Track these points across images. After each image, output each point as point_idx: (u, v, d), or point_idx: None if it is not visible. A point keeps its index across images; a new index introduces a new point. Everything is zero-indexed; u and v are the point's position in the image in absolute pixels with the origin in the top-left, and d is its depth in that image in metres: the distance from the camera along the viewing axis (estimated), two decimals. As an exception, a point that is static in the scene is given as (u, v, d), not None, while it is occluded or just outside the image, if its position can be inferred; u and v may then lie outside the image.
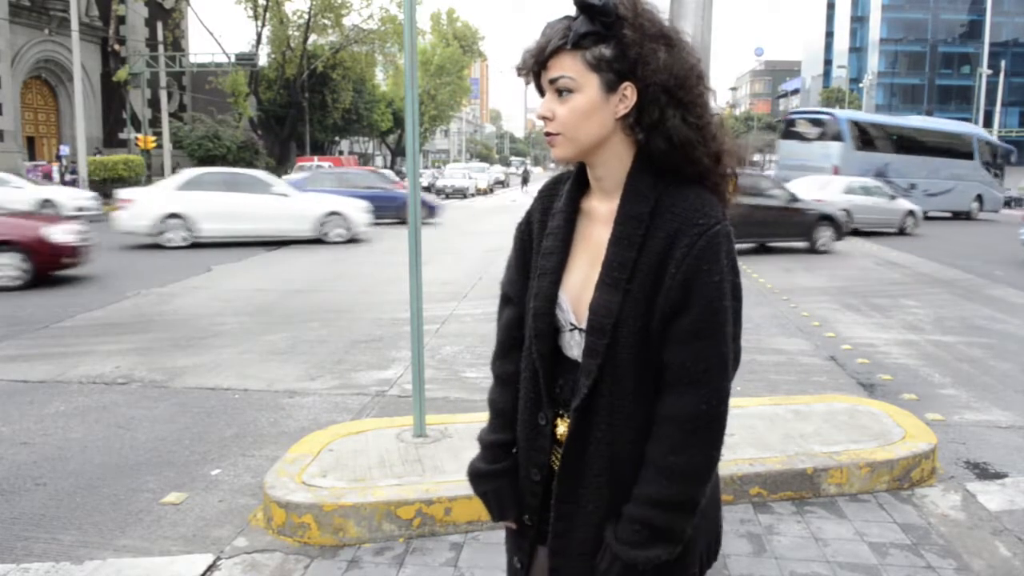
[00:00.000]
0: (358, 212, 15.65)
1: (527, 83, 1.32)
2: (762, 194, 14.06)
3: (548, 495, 1.43)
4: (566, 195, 1.40)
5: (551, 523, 1.41)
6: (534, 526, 1.47)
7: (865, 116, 28.66)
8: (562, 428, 1.39)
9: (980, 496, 3.85)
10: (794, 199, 14.82)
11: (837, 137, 22.56)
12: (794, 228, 14.62)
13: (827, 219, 14.99)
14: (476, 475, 1.55)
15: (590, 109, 1.27)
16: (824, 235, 14.84)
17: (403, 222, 6.45)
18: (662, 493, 1.29)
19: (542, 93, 1.31)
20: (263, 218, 14.57)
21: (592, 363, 1.31)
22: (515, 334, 1.50)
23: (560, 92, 1.28)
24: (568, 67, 1.26)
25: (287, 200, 15.03)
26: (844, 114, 25.47)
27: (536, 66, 1.29)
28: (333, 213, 15.31)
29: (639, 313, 1.28)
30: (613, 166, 1.33)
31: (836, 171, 20.84)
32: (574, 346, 1.38)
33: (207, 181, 14.96)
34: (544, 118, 1.30)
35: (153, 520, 3.50)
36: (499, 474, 1.51)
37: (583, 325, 1.34)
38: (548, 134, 1.30)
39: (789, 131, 24.89)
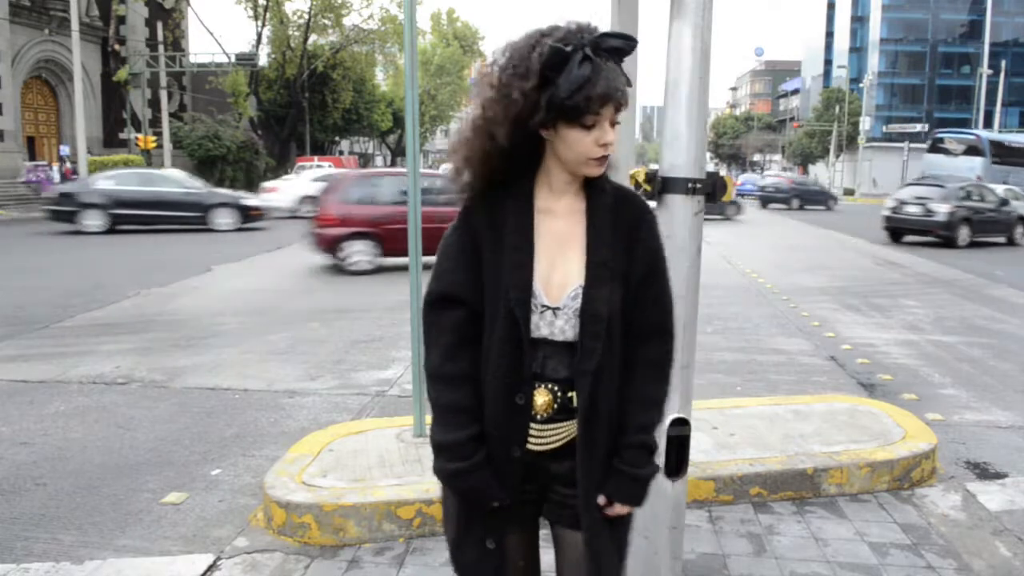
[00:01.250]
0: None
1: (596, 115, 1.51)
2: (983, 199, 18.37)
3: (527, 469, 1.63)
4: (523, 199, 1.60)
5: (580, 469, 1.60)
6: (510, 504, 1.63)
7: (1001, 136, 33.95)
8: (540, 399, 1.59)
9: (980, 496, 3.85)
10: (1004, 203, 18.81)
11: (980, 153, 28.05)
12: (999, 227, 18.65)
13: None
14: (458, 473, 1.61)
15: None
16: (1018, 230, 18.96)
17: None
18: (651, 420, 1.65)
19: (596, 120, 1.51)
20: None
21: (596, 341, 1.56)
22: (466, 333, 1.62)
23: (613, 125, 1.54)
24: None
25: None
26: (986, 134, 31.20)
27: (624, 98, 1.53)
28: None
29: (620, 290, 1.59)
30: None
31: (979, 180, 24.19)
32: (543, 325, 1.59)
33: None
34: (608, 144, 1.55)
35: (153, 520, 3.50)
36: (481, 465, 1.61)
37: (555, 304, 1.58)
38: (605, 157, 1.56)
39: (936, 147, 30.14)
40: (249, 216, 18.47)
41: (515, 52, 1.52)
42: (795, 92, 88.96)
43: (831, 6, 79.80)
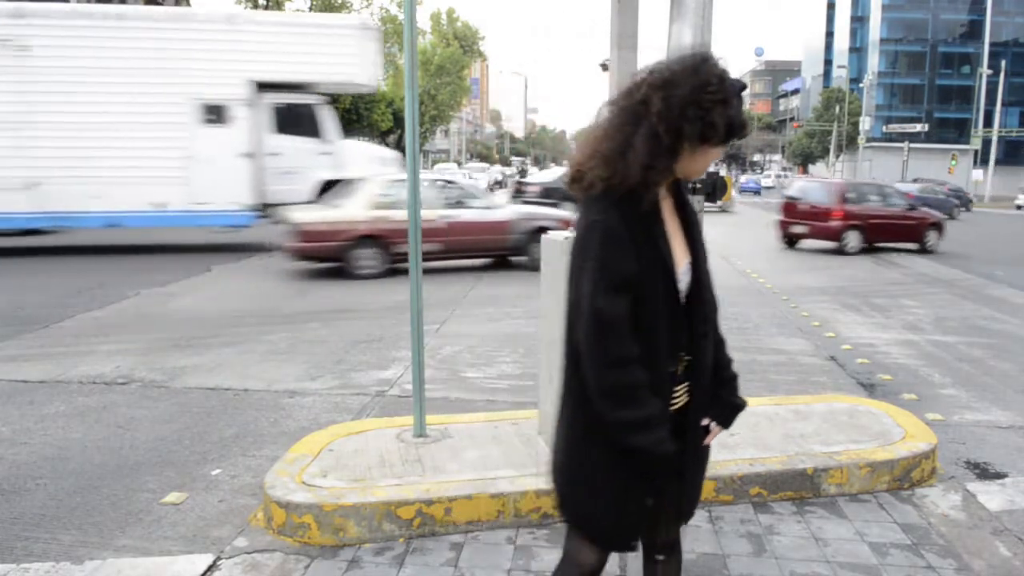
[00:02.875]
0: None
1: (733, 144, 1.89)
2: None
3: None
4: (654, 204, 1.81)
5: (696, 414, 1.93)
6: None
7: None
8: (681, 366, 1.88)
9: (980, 496, 3.85)
10: None
11: None
12: None
13: None
14: (661, 441, 1.79)
15: None
16: None
17: None
18: (731, 358, 2.07)
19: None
20: None
21: (709, 308, 1.92)
22: (630, 318, 1.78)
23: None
24: None
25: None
26: None
27: None
28: None
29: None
30: None
31: None
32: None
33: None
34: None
35: (153, 520, 3.50)
36: (669, 436, 1.82)
37: (684, 282, 1.87)
38: None
39: None
40: None
41: (700, 74, 1.72)
42: (795, 92, 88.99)
43: (831, 6, 79.80)
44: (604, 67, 23.93)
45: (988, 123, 50.86)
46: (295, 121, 13.95)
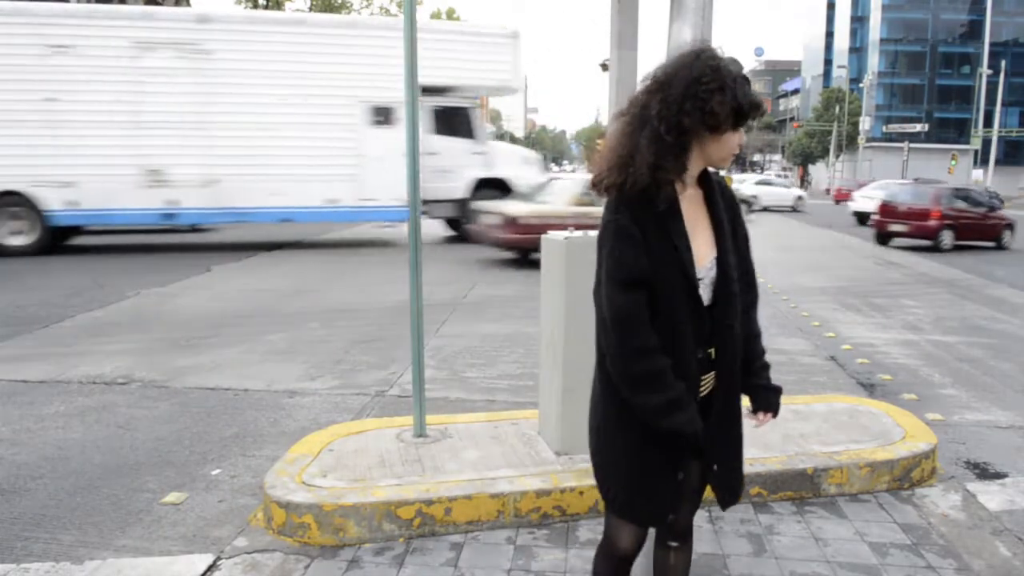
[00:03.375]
0: None
1: (748, 126, 1.95)
2: None
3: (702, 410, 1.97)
4: (671, 196, 1.88)
5: (722, 400, 2.00)
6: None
7: None
8: (707, 355, 1.96)
9: (980, 496, 3.85)
10: None
11: None
12: None
13: None
14: (690, 421, 1.90)
15: None
16: None
17: None
18: (763, 347, 2.13)
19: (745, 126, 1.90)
20: None
21: (733, 300, 1.97)
22: (649, 310, 1.88)
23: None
24: None
25: None
26: None
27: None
28: None
29: (736, 256, 2.02)
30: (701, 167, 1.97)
31: None
32: (703, 291, 1.93)
33: None
34: (742, 143, 1.92)
35: (153, 520, 3.50)
36: (696, 411, 1.93)
37: (699, 276, 1.92)
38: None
39: None
40: None
41: (693, 71, 1.81)
42: (795, 92, 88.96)
43: (831, 6, 79.79)
44: (604, 67, 23.91)
45: (988, 123, 50.83)
46: (452, 123, 14.94)
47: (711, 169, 2.01)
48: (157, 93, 13.00)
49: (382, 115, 13.94)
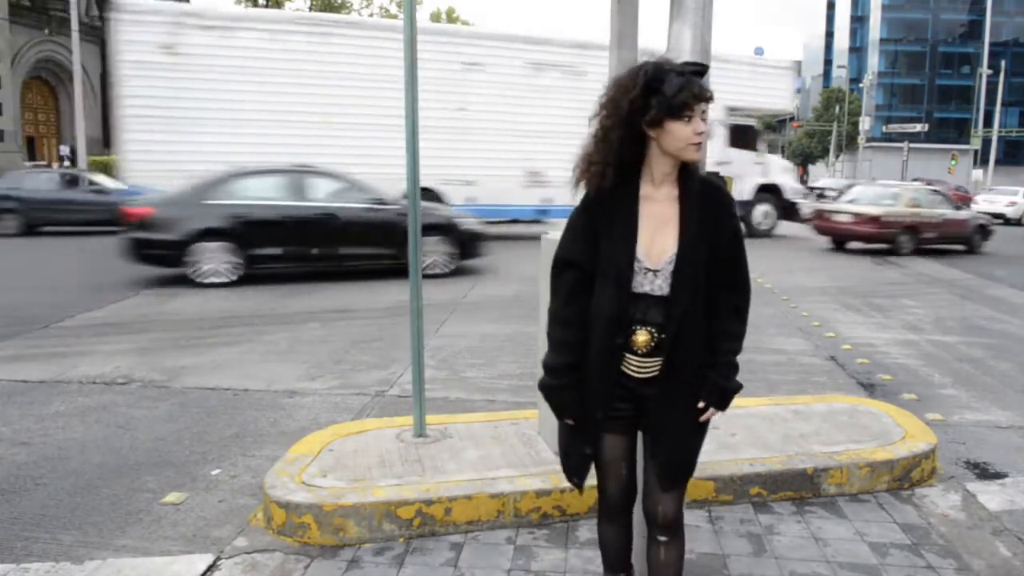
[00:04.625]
0: None
1: (692, 110, 2.01)
2: None
3: (626, 392, 2.17)
4: (631, 190, 2.10)
5: (665, 388, 2.14)
6: (604, 417, 2.19)
7: None
8: (641, 338, 2.11)
9: (980, 496, 3.85)
10: None
11: None
12: None
13: None
14: (551, 388, 2.20)
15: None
16: None
17: None
18: (734, 348, 2.20)
19: (691, 115, 2.01)
20: None
21: (684, 295, 2.08)
22: (577, 289, 2.16)
23: (703, 120, 2.03)
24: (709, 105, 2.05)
25: None
26: None
27: (710, 99, 2.04)
28: None
29: (705, 256, 2.11)
30: (676, 164, 2.10)
31: None
32: (646, 283, 2.10)
33: None
34: (701, 132, 2.03)
35: (153, 520, 3.50)
36: (568, 386, 2.18)
37: (655, 267, 2.09)
38: (700, 143, 2.04)
39: None
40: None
41: (621, 79, 2.06)
42: (795, 92, 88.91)
43: (831, 6, 79.81)
44: (604, 67, 23.95)
45: (988, 123, 50.79)
46: (741, 137, 17.68)
47: (705, 171, 2.19)
48: (542, 107, 15.09)
49: None
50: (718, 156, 16.60)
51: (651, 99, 1.98)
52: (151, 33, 13.11)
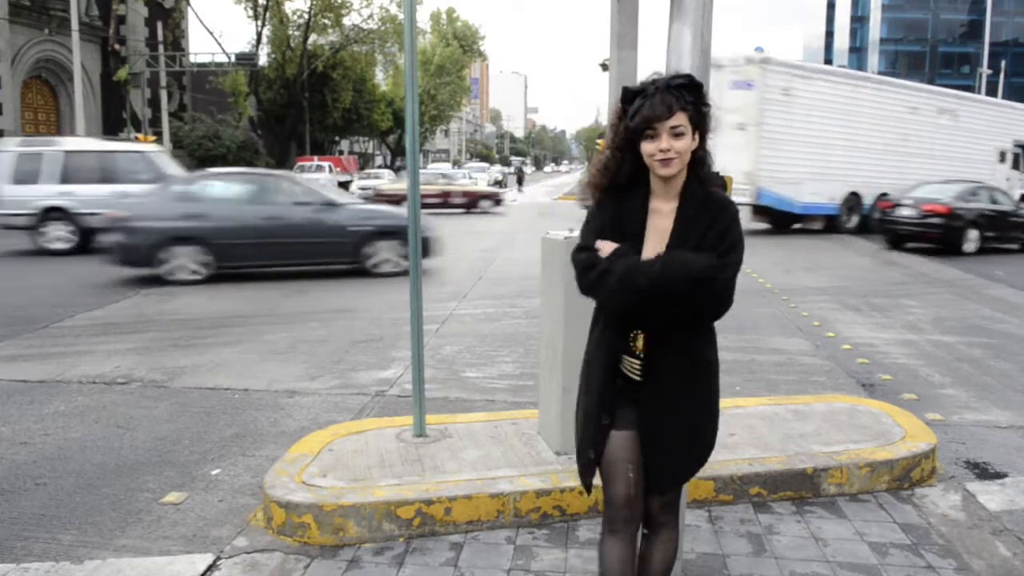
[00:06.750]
0: None
1: (649, 132, 2.08)
2: None
3: (626, 391, 2.23)
4: (639, 201, 2.19)
5: (652, 391, 2.20)
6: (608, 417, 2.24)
7: None
8: (640, 342, 2.19)
9: (980, 496, 3.85)
10: None
11: None
12: None
13: None
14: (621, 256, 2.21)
15: (690, 146, 2.10)
16: None
17: None
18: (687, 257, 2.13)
19: (654, 134, 2.07)
20: None
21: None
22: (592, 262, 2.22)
23: (676, 135, 2.06)
24: (682, 120, 2.07)
25: None
26: None
27: (666, 118, 2.06)
28: None
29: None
30: (679, 179, 2.15)
31: None
32: None
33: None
34: (665, 150, 2.07)
35: (153, 520, 3.50)
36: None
37: None
38: (667, 159, 2.08)
39: None
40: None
41: (616, 104, 2.18)
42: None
43: (831, 6, 79.75)
44: (604, 67, 23.86)
45: (988, 123, 50.72)
46: (1018, 161, 23.40)
47: (713, 186, 2.26)
48: (940, 139, 20.98)
49: (1002, 156, 22.65)
50: (1010, 174, 23.31)
51: (621, 123, 2.14)
52: (780, 79, 18.10)
